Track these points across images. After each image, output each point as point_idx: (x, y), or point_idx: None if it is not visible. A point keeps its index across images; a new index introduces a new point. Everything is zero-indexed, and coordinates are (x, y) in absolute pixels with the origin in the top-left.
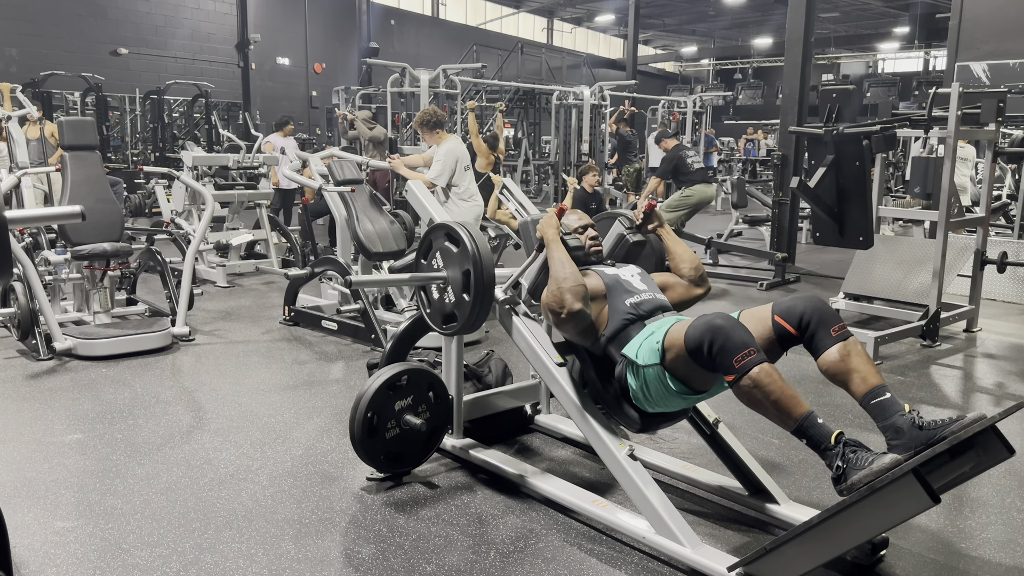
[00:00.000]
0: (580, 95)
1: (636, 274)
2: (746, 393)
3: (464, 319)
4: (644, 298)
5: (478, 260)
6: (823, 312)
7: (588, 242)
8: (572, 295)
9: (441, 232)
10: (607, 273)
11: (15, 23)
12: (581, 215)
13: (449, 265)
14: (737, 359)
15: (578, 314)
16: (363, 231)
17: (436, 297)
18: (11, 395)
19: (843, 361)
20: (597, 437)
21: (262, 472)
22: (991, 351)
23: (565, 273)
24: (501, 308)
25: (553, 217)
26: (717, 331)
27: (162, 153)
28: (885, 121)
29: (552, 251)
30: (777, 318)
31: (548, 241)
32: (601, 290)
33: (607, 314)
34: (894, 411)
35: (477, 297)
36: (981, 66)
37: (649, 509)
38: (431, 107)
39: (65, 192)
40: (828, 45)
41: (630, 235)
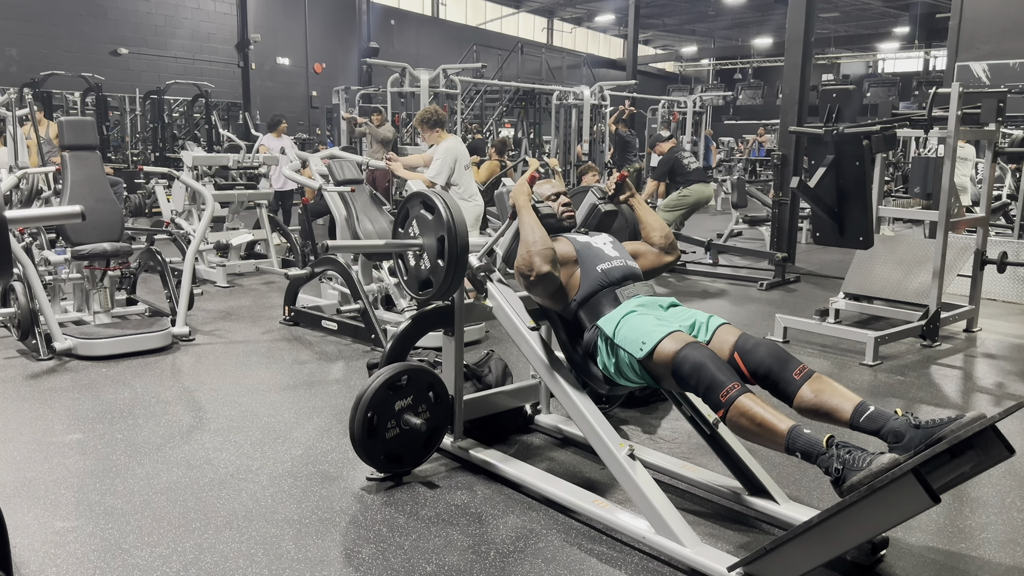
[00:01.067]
0: (580, 95)
1: (608, 242)
2: (735, 423)
3: (439, 285)
4: (615, 264)
5: (452, 226)
6: (781, 359)
7: (561, 209)
8: (540, 258)
9: (417, 200)
10: (578, 240)
11: (15, 23)
12: (554, 183)
13: (425, 232)
14: (722, 395)
15: (546, 276)
16: (363, 231)
17: (412, 264)
18: (11, 395)
19: (817, 397)
20: (597, 437)
21: (262, 472)
22: (991, 351)
23: (535, 237)
24: (475, 275)
25: (524, 184)
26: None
27: (162, 153)
28: (885, 121)
29: (523, 216)
30: (736, 355)
31: (519, 207)
32: (572, 255)
33: (579, 278)
34: (886, 418)
35: (451, 263)
36: (981, 66)
37: (649, 509)
38: (432, 106)
39: (65, 192)
40: (828, 45)
41: (602, 204)
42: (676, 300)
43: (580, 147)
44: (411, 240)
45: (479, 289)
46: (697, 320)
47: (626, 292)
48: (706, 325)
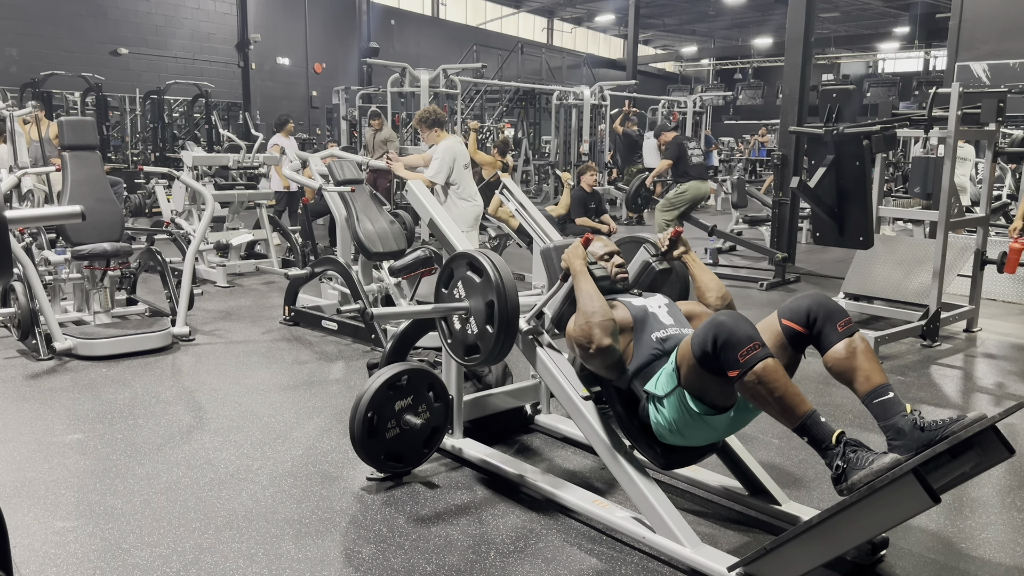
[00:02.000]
0: (580, 95)
1: (664, 304)
2: (750, 389)
3: (488, 351)
4: (671, 332)
5: (502, 290)
6: (828, 307)
7: (614, 270)
8: (601, 330)
9: (463, 261)
10: (635, 304)
11: (15, 23)
12: (606, 242)
13: (471, 295)
14: (742, 353)
15: (607, 350)
16: (363, 231)
17: (458, 328)
18: (11, 395)
19: (848, 358)
20: (597, 437)
21: (262, 472)
22: (991, 351)
23: (594, 307)
24: (524, 339)
25: (579, 247)
26: (720, 327)
27: (162, 153)
28: (885, 121)
29: (580, 283)
30: (784, 321)
31: (575, 272)
32: (629, 323)
33: (633, 348)
34: (896, 411)
35: (501, 328)
36: (981, 66)
37: (649, 509)
38: (431, 106)
39: (65, 192)
40: (828, 45)
41: (656, 263)
42: None
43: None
44: (457, 304)
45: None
46: None
47: None
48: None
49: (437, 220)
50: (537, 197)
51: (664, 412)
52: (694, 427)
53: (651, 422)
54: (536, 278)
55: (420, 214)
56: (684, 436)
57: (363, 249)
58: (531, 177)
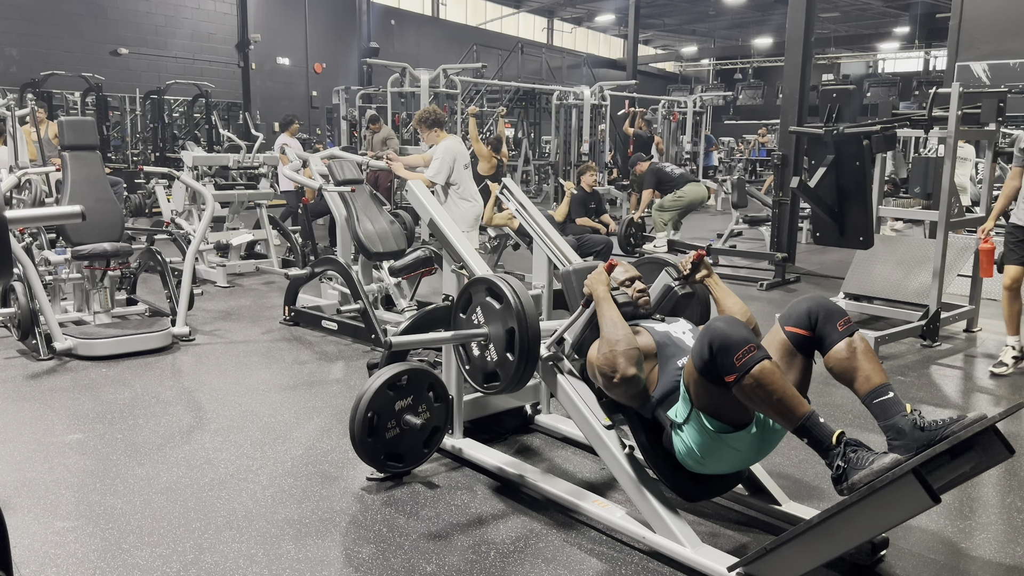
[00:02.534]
0: (580, 95)
1: (687, 330)
2: (748, 392)
3: (508, 379)
4: None
5: (523, 317)
6: (828, 307)
7: (636, 295)
8: (626, 359)
9: (482, 287)
10: (657, 331)
11: (15, 23)
12: (627, 267)
13: (491, 321)
14: (738, 357)
15: (632, 379)
16: (363, 231)
17: (477, 354)
18: (11, 395)
19: (848, 358)
20: (597, 437)
21: (262, 472)
22: (991, 351)
23: (618, 335)
24: (544, 365)
25: (603, 273)
26: (715, 332)
27: (162, 153)
28: (885, 121)
29: (603, 310)
30: (787, 328)
31: (599, 298)
32: (652, 349)
33: (657, 374)
34: (896, 411)
35: (523, 356)
36: (981, 66)
37: (649, 509)
38: (431, 106)
39: (65, 192)
40: (828, 45)
41: (678, 287)
42: None
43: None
44: (476, 330)
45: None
46: None
47: None
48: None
49: (437, 220)
50: (537, 197)
51: (685, 438)
52: (716, 450)
53: (675, 450)
54: (536, 278)
55: (420, 214)
56: (708, 462)
57: (363, 249)
58: (531, 177)
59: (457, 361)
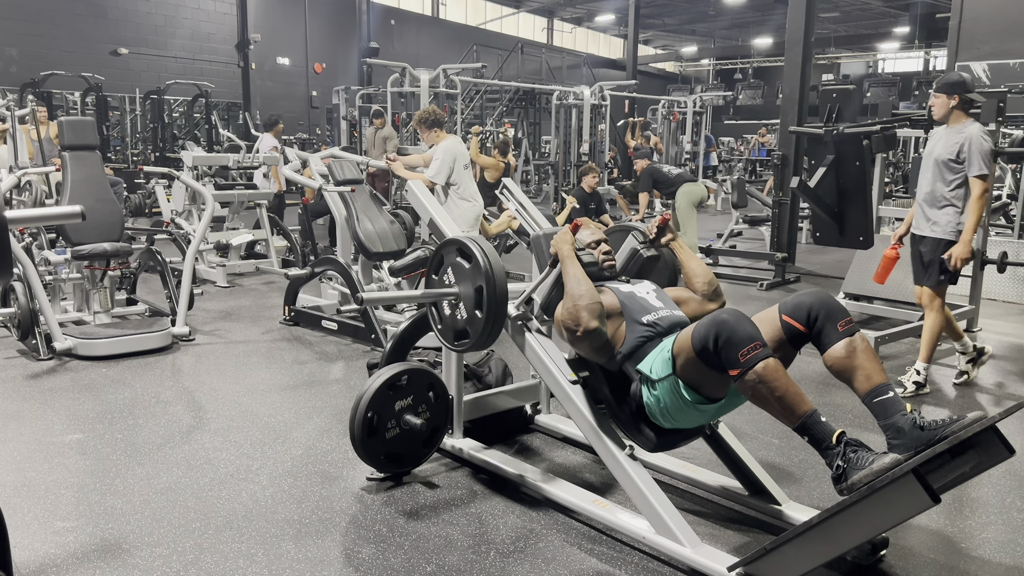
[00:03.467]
0: (580, 95)
1: (651, 290)
2: (751, 388)
3: (476, 336)
4: (661, 315)
5: (491, 276)
6: (830, 306)
7: (601, 257)
8: (588, 313)
9: (453, 248)
10: (622, 290)
11: (15, 23)
12: (594, 230)
13: (461, 281)
14: (743, 353)
15: (594, 332)
16: (363, 231)
17: (448, 313)
18: (11, 395)
19: (848, 357)
20: (598, 437)
21: (262, 472)
22: (991, 351)
23: (581, 290)
24: (513, 324)
25: (568, 232)
26: (722, 325)
27: (162, 153)
28: (885, 121)
29: (567, 267)
30: (785, 317)
31: (563, 257)
32: (616, 307)
33: (624, 331)
34: (896, 410)
35: (490, 314)
36: (981, 66)
37: (649, 509)
38: (430, 106)
39: (65, 192)
40: (828, 45)
41: (643, 249)
42: None
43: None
44: (447, 289)
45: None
46: None
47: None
48: None
49: (437, 220)
50: (537, 197)
51: (658, 395)
52: (685, 413)
53: (644, 402)
54: (536, 277)
55: (420, 214)
56: (675, 420)
57: (363, 249)
58: (531, 177)
59: (431, 321)
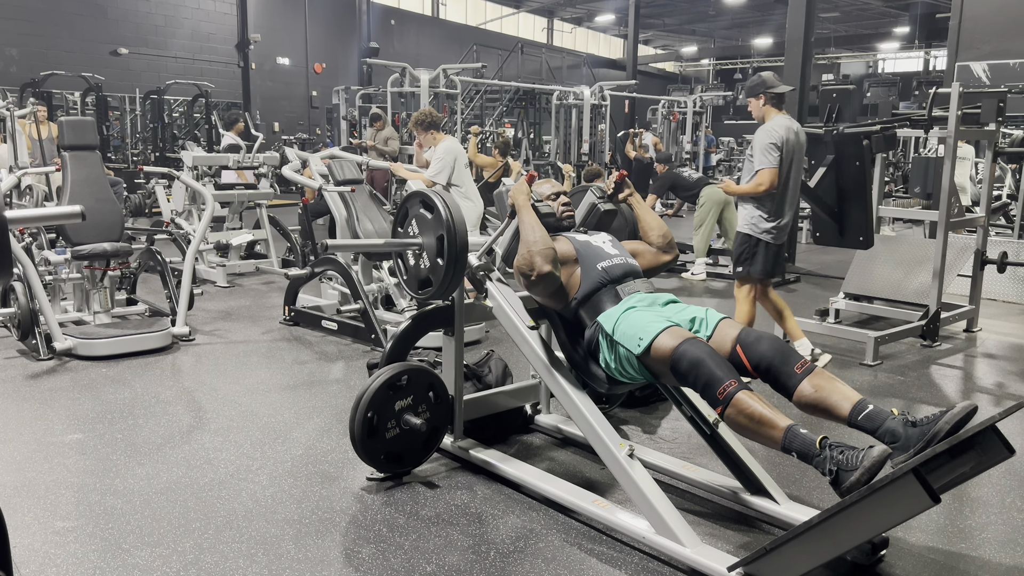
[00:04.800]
0: (580, 95)
1: (607, 240)
2: (733, 420)
3: (439, 284)
4: (615, 262)
5: (451, 225)
6: (783, 352)
7: (560, 208)
8: (541, 257)
9: (416, 199)
10: (577, 239)
11: (15, 23)
12: (554, 183)
13: (424, 232)
14: (719, 392)
15: (547, 276)
16: (363, 231)
17: (412, 264)
18: (11, 395)
19: (817, 392)
20: (597, 437)
21: (262, 472)
22: (991, 351)
23: (535, 237)
24: (475, 274)
25: (523, 183)
26: (700, 369)
27: (162, 153)
28: (885, 121)
29: (523, 216)
30: (738, 348)
31: (519, 206)
32: (572, 255)
33: (579, 277)
34: (883, 417)
35: (451, 262)
36: (981, 66)
37: (649, 509)
38: (427, 108)
39: (65, 192)
40: (828, 45)
41: (601, 204)
42: (675, 297)
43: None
44: (410, 240)
45: (479, 289)
46: (697, 316)
47: (627, 289)
48: (706, 320)
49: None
50: None
51: (614, 354)
52: (637, 377)
53: (599, 353)
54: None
55: None
56: (625, 377)
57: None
58: None
59: (396, 272)
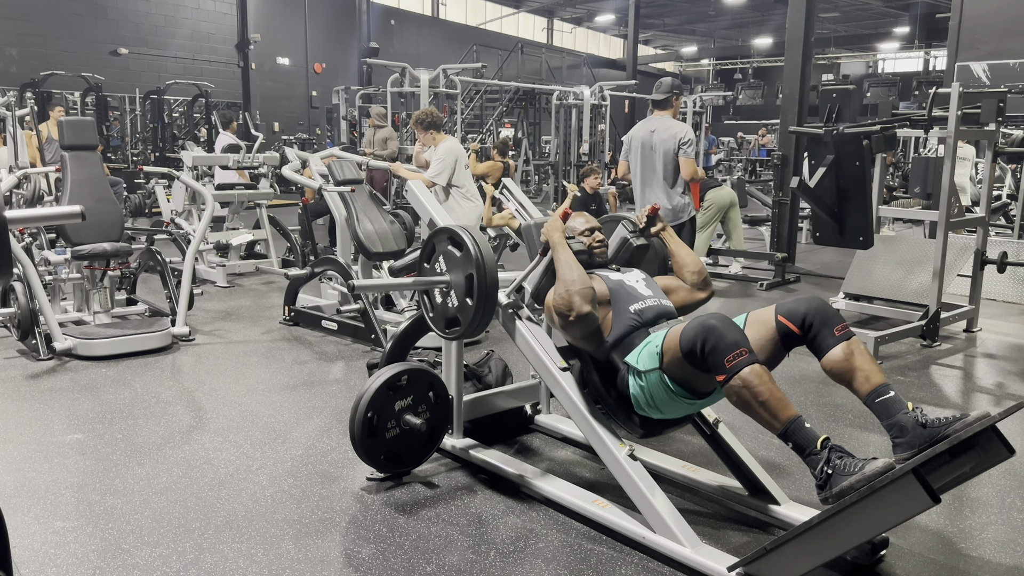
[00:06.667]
0: (580, 95)
1: (640, 279)
2: (735, 393)
3: (467, 323)
4: (648, 304)
5: (481, 264)
6: (826, 312)
7: (595, 244)
8: (581, 297)
9: (444, 236)
10: (611, 278)
11: (15, 23)
12: (588, 218)
13: (452, 269)
14: (728, 359)
15: (586, 317)
16: (363, 231)
17: (439, 301)
18: (11, 395)
19: (847, 360)
20: (597, 437)
21: (262, 472)
22: (991, 351)
23: (573, 276)
24: (504, 312)
25: (558, 220)
26: (710, 331)
27: (162, 153)
28: (885, 121)
29: (559, 253)
30: (780, 317)
31: (554, 244)
32: (606, 295)
33: (611, 319)
34: (897, 409)
35: (480, 301)
36: (981, 66)
37: (649, 509)
38: (428, 108)
39: (65, 192)
40: (828, 45)
41: (634, 239)
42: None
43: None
44: (438, 278)
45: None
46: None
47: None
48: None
49: (437, 220)
50: (537, 197)
51: (643, 386)
52: (672, 404)
53: (630, 393)
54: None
55: (420, 214)
56: (661, 411)
57: (363, 249)
58: (531, 177)
59: (421, 310)
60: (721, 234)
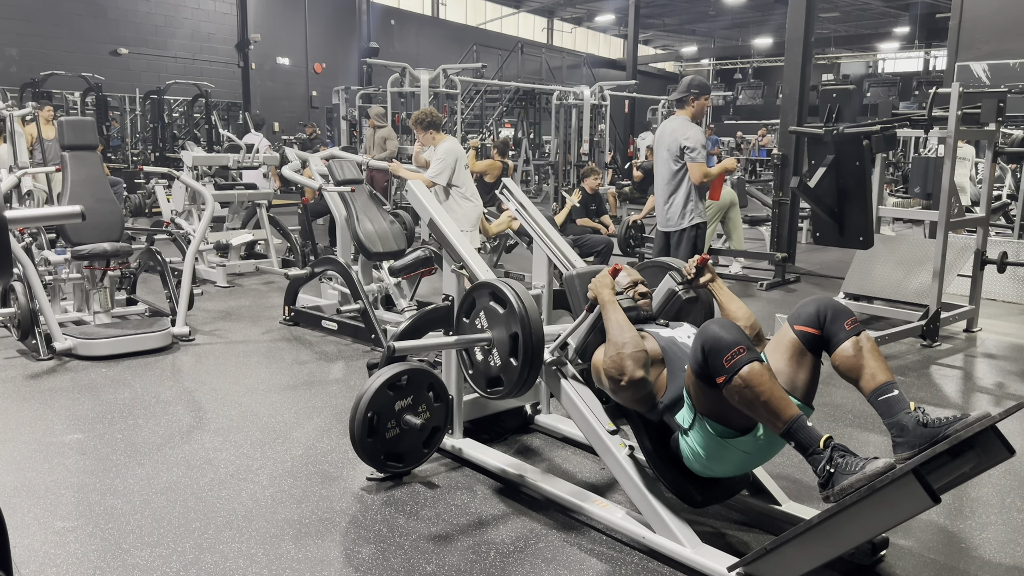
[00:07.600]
0: (580, 95)
1: (692, 335)
2: (736, 392)
3: (512, 384)
4: None
5: (527, 323)
6: (836, 307)
7: (637, 296)
8: (633, 361)
9: (485, 291)
10: (662, 335)
11: (15, 23)
12: (630, 271)
13: (494, 326)
14: (727, 358)
15: (639, 382)
16: (363, 231)
17: (480, 359)
18: (11, 395)
19: (855, 356)
20: (597, 437)
21: (262, 472)
22: (991, 351)
23: (625, 338)
24: (548, 369)
25: (607, 276)
26: (707, 334)
27: (162, 153)
28: (885, 121)
29: (609, 313)
30: (796, 327)
31: (604, 302)
32: (658, 354)
33: (665, 379)
34: (899, 408)
35: (526, 362)
36: (981, 66)
37: (649, 509)
38: (428, 108)
39: (65, 192)
40: (828, 45)
41: (682, 292)
42: None
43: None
44: (480, 335)
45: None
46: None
47: None
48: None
49: (437, 220)
50: (537, 197)
51: (691, 442)
52: (722, 453)
53: (682, 455)
54: (536, 278)
55: (420, 214)
56: (714, 465)
57: (363, 249)
58: (531, 177)
59: (460, 365)
60: (721, 234)
